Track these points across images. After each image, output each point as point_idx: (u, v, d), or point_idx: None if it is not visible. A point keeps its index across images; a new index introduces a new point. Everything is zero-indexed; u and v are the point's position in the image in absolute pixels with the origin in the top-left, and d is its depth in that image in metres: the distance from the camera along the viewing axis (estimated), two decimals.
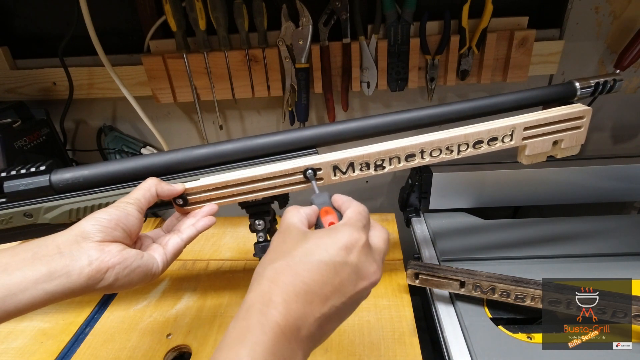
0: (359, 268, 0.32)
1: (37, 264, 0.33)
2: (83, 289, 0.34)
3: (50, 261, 0.33)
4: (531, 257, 0.66)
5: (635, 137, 0.88)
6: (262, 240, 0.52)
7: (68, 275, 0.33)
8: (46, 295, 0.33)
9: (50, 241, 0.34)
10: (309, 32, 0.71)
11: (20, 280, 0.32)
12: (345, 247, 0.31)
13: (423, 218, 0.80)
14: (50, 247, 0.34)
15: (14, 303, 0.32)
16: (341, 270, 0.31)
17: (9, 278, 0.32)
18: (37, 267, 0.33)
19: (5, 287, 0.32)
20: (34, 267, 0.33)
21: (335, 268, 0.30)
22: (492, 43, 0.72)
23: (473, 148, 0.48)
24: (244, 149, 0.48)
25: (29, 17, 0.82)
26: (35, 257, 0.33)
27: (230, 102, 0.82)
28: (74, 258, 0.33)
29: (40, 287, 0.32)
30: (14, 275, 0.32)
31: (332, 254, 0.31)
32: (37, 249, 0.34)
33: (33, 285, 0.32)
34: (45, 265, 0.33)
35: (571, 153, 0.51)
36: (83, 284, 0.33)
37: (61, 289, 0.33)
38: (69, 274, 0.33)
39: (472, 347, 0.51)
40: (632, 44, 0.70)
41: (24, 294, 0.32)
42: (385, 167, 0.47)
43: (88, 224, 0.35)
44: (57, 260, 0.33)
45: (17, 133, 0.73)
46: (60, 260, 0.33)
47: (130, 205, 0.38)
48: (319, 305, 0.29)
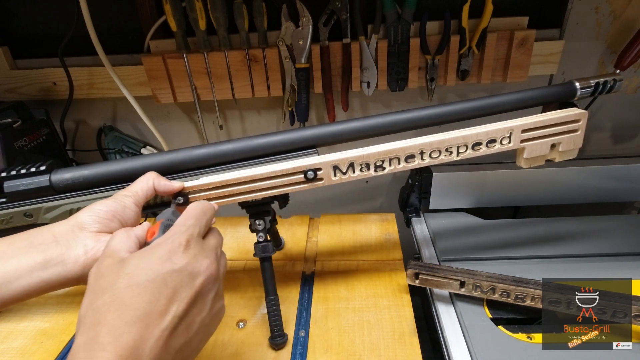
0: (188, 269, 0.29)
1: (33, 252, 0.33)
2: (78, 278, 0.34)
3: (46, 249, 0.33)
4: (531, 257, 0.66)
5: (635, 137, 0.88)
6: (262, 240, 0.52)
7: (63, 264, 0.33)
8: (42, 283, 0.33)
9: (47, 230, 0.35)
10: (309, 32, 0.71)
11: (16, 268, 0.32)
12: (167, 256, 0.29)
13: (423, 218, 0.80)
14: (46, 236, 0.34)
15: (10, 290, 0.32)
16: (170, 279, 0.28)
17: (5, 266, 0.32)
18: (33, 255, 0.33)
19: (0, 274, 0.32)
20: (29, 255, 0.33)
21: (164, 279, 0.28)
22: (492, 43, 0.72)
23: (472, 150, 0.48)
24: (244, 149, 0.48)
25: (29, 17, 0.82)
26: (32, 246, 0.33)
27: (230, 102, 0.82)
28: (70, 247, 0.34)
29: (35, 275, 0.32)
30: (10, 263, 0.32)
31: (157, 269, 0.28)
32: (33, 237, 0.34)
33: (28, 273, 0.32)
34: (41, 254, 0.33)
35: (569, 157, 0.51)
36: (78, 273, 0.33)
37: (56, 277, 0.33)
38: (65, 262, 0.33)
39: (472, 347, 0.51)
40: (632, 44, 0.70)
41: (19, 282, 0.32)
42: (385, 167, 0.47)
43: (85, 215, 0.35)
44: (53, 249, 0.33)
45: (17, 133, 0.73)
46: (56, 249, 0.33)
47: (127, 197, 0.38)
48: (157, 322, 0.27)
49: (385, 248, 0.72)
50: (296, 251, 0.73)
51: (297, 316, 0.59)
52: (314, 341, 0.54)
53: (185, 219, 0.33)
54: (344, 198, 1.00)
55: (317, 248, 0.73)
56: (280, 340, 0.53)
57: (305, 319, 0.58)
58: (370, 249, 0.72)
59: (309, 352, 0.53)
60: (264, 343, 0.55)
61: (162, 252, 0.30)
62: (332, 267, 0.68)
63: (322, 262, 0.69)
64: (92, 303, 0.28)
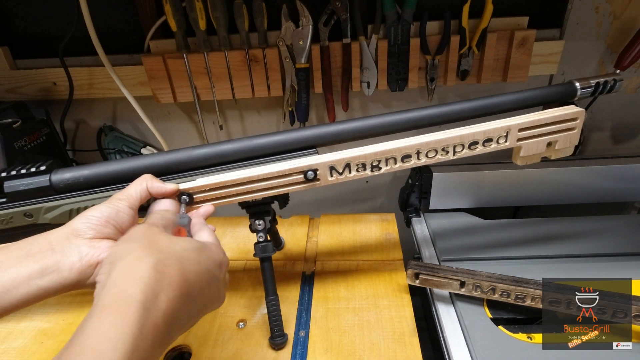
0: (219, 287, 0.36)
1: (30, 260, 0.34)
2: (75, 284, 0.34)
3: (43, 258, 0.34)
4: (531, 257, 0.66)
5: (635, 137, 0.88)
6: (262, 240, 0.52)
7: (60, 271, 0.34)
8: (39, 291, 0.33)
9: (43, 239, 0.35)
10: (309, 32, 0.71)
11: (14, 277, 0.33)
12: (219, 264, 0.36)
13: (423, 218, 0.80)
14: (42, 245, 0.35)
15: (9, 299, 0.32)
16: (212, 283, 0.34)
17: (3, 275, 0.33)
18: (30, 264, 0.33)
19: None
20: (27, 264, 0.33)
21: (210, 281, 0.34)
22: (492, 43, 0.72)
23: (468, 149, 0.48)
24: (244, 149, 0.48)
25: (29, 17, 0.82)
26: (28, 255, 0.34)
27: (230, 102, 0.82)
28: (65, 254, 0.34)
29: (33, 283, 0.33)
30: (8, 272, 0.33)
31: (209, 266, 0.34)
32: (30, 246, 0.35)
33: (26, 281, 0.33)
34: (37, 262, 0.34)
35: (565, 154, 0.51)
36: (75, 279, 0.34)
37: (54, 285, 0.34)
38: (61, 269, 0.34)
39: (472, 347, 0.51)
40: (632, 44, 0.70)
41: (17, 290, 0.33)
42: (382, 167, 0.47)
43: (79, 222, 0.36)
44: (49, 257, 0.34)
45: (17, 133, 0.73)
46: (52, 257, 0.34)
47: (121, 201, 0.39)
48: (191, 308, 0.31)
49: (385, 248, 0.72)
50: (296, 251, 0.73)
51: (297, 316, 0.59)
52: (314, 341, 0.54)
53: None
54: (344, 198, 1.00)
55: (317, 248, 0.73)
56: (280, 340, 0.53)
57: (305, 319, 0.58)
58: (370, 249, 0.72)
59: (309, 352, 0.53)
60: (264, 343, 0.55)
61: (218, 256, 0.37)
62: (332, 267, 0.68)
63: (322, 262, 0.69)
64: (150, 248, 0.31)
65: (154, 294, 0.28)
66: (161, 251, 0.31)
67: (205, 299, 0.33)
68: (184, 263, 0.31)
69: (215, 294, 0.35)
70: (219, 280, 0.35)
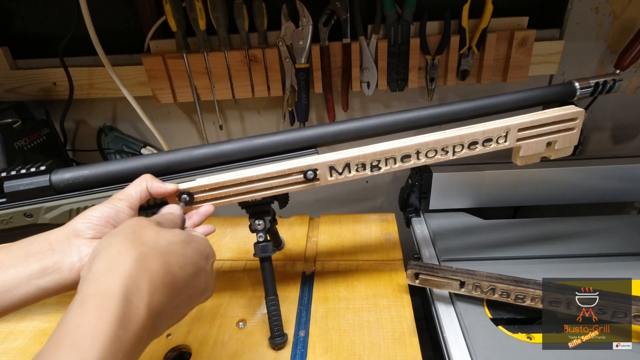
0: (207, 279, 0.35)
1: (30, 261, 0.34)
2: (75, 284, 0.34)
3: (43, 258, 0.34)
4: (531, 257, 0.66)
5: (635, 137, 0.88)
6: (262, 240, 0.52)
7: (60, 271, 0.34)
8: (39, 291, 0.33)
9: (43, 239, 0.35)
10: (309, 32, 0.71)
11: (14, 277, 0.33)
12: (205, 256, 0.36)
13: (423, 218, 0.80)
14: (42, 245, 0.35)
15: (9, 299, 0.33)
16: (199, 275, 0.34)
17: (3, 275, 0.33)
18: (30, 264, 0.34)
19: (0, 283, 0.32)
20: (27, 264, 0.34)
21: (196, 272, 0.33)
22: (492, 43, 0.72)
23: (468, 149, 0.48)
24: (244, 149, 0.48)
25: (29, 17, 0.82)
26: (28, 255, 0.34)
27: (230, 102, 0.82)
28: (65, 254, 0.34)
29: (33, 283, 0.33)
30: (9, 272, 0.33)
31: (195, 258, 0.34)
32: (30, 246, 0.35)
33: (26, 281, 0.33)
34: (37, 262, 0.34)
35: (564, 154, 0.51)
36: (74, 279, 0.34)
37: (54, 285, 0.34)
38: (60, 269, 0.34)
39: (472, 347, 0.51)
40: (632, 44, 0.70)
41: (18, 290, 0.33)
42: (381, 167, 0.47)
43: (79, 222, 0.36)
44: (49, 257, 0.34)
45: (17, 133, 0.73)
46: (52, 257, 0.34)
47: (121, 201, 0.39)
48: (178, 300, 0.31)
49: (385, 248, 0.72)
50: (296, 251, 0.73)
51: (297, 316, 0.59)
52: (314, 341, 0.54)
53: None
54: (344, 198, 1.00)
55: (317, 248, 0.73)
56: (280, 340, 0.53)
57: (305, 319, 0.58)
58: (370, 249, 0.72)
59: (309, 352, 0.53)
60: (264, 343, 0.55)
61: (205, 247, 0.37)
62: (332, 267, 0.68)
63: (322, 262, 0.69)
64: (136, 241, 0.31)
65: (136, 286, 0.27)
66: (145, 244, 0.31)
67: (192, 291, 0.33)
68: (167, 256, 0.31)
69: (202, 286, 0.34)
70: (207, 272, 0.35)
